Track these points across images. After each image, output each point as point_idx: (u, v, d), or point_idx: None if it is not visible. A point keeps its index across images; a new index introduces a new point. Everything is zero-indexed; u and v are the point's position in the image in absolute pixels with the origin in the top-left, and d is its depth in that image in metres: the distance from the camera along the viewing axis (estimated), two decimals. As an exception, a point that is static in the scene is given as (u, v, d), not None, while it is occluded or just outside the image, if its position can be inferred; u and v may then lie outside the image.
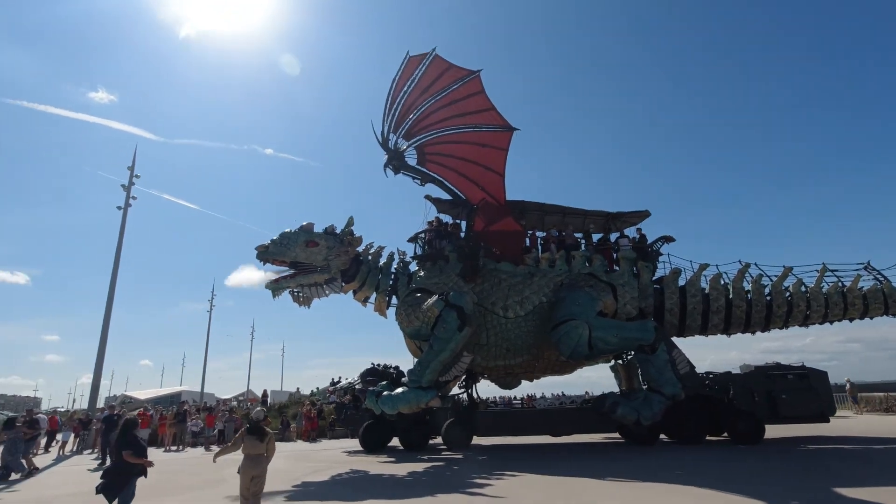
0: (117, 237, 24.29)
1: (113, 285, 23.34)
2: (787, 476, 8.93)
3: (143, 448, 6.48)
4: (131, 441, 6.39)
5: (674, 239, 16.51)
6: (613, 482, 8.81)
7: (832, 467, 9.79)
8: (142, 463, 6.30)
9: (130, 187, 25.22)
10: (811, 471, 9.49)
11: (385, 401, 13.38)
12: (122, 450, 6.25)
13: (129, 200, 25.12)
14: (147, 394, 52.71)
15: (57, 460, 16.33)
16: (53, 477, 12.68)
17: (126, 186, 25.11)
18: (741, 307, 15.35)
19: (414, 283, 15.19)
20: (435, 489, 8.84)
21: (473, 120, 15.60)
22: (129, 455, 6.18)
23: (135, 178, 25.47)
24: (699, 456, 11.79)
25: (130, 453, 6.22)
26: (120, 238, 24.28)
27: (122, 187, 25.13)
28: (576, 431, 15.55)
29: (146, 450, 6.61)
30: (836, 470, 9.43)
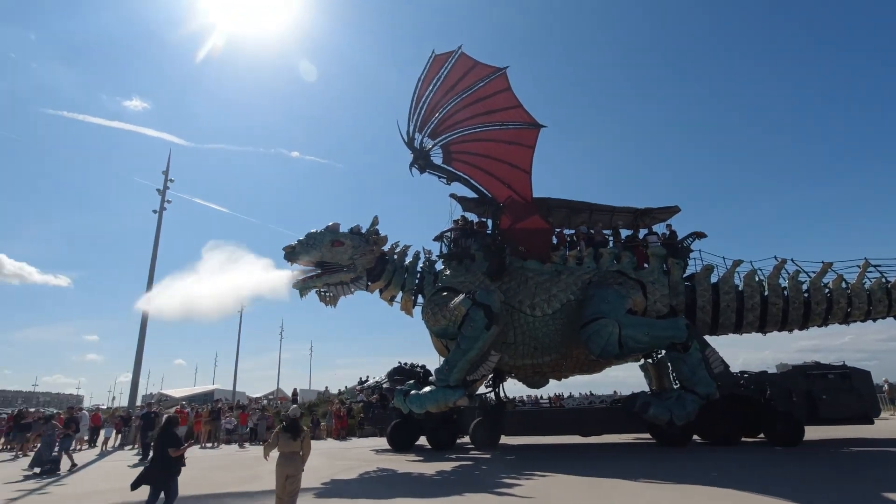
0: (153, 240, 25.13)
1: (150, 287, 24.13)
2: (831, 481, 8.61)
3: (181, 443, 6.73)
4: (172, 438, 6.62)
5: (705, 235, 16.19)
6: (646, 483, 8.64)
7: (878, 472, 9.41)
8: (181, 454, 6.56)
9: (165, 191, 26.02)
10: (857, 475, 9.15)
11: (413, 400, 13.46)
12: (166, 446, 6.49)
13: (164, 204, 25.95)
14: (181, 392, 54.27)
15: (100, 456, 17.00)
16: (97, 471, 13.23)
17: (161, 191, 25.92)
18: (778, 304, 14.91)
19: (440, 282, 15.24)
20: (464, 488, 8.84)
21: (500, 117, 15.49)
22: (172, 451, 6.42)
23: (169, 183, 26.29)
24: (735, 458, 11.47)
25: (174, 449, 6.47)
26: (156, 241, 25.09)
27: (157, 191, 25.94)
28: (605, 431, 15.34)
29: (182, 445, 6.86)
30: (883, 475, 9.06)
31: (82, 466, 13.82)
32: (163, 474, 6.48)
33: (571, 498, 7.85)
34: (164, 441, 6.58)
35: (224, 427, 20.89)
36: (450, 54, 15.57)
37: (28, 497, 9.38)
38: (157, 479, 6.46)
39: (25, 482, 11.06)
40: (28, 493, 9.74)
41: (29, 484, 10.77)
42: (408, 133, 15.66)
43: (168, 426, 6.84)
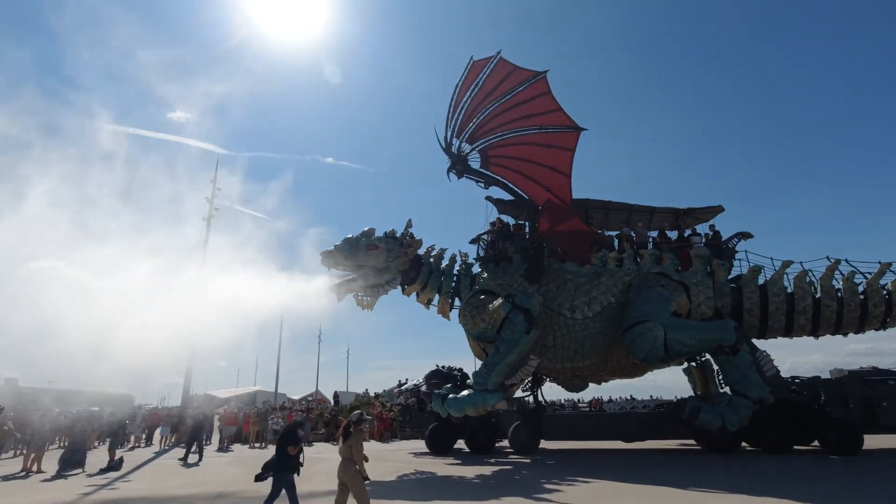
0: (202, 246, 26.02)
1: (199, 290, 25.13)
2: (887, 494, 8.21)
3: (297, 443, 7.18)
4: (293, 437, 7.11)
5: (751, 235, 15.80)
6: (697, 492, 8.45)
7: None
8: (296, 452, 6.98)
9: (213, 199, 26.96)
10: None
11: (451, 403, 13.54)
12: (286, 444, 6.91)
13: (213, 211, 26.85)
14: (226, 393, 55.98)
15: (157, 454, 17.88)
16: (158, 468, 13.94)
17: (209, 199, 26.88)
18: (831, 307, 14.33)
19: (477, 285, 15.33)
20: (503, 492, 8.86)
21: (539, 121, 15.46)
22: (290, 448, 6.88)
23: (217, 191, 27.20)
24: (788, 467, 11.10)
25: (292, 447, 6.91)
26: (205, 247, 25.98)
27: (205, 199, 26.91)
28: (649, 437, 15.07)
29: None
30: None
31: (141, 464, 14.60)
32: (281, 470, 6.94)
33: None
34: (286, 440, 7.05)
35: (271, 428, 21.59)
36: (488, 60, 15.62)
37: (99, 492, 9.99)
38: (276, 474, 6.94)
39: (93, 478, 11.74)
40: (98, 488, 10.39)
41: (96, 480, 11.44)
42: (445, 139, 15.82)
43: (293, 427, 7.43)
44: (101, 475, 12.06)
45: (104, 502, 9.01)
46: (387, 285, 15.28)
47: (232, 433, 20.84)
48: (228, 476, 11.98)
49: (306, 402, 42.83)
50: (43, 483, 11.20)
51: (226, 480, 11.19)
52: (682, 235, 16.63)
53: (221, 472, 12.70)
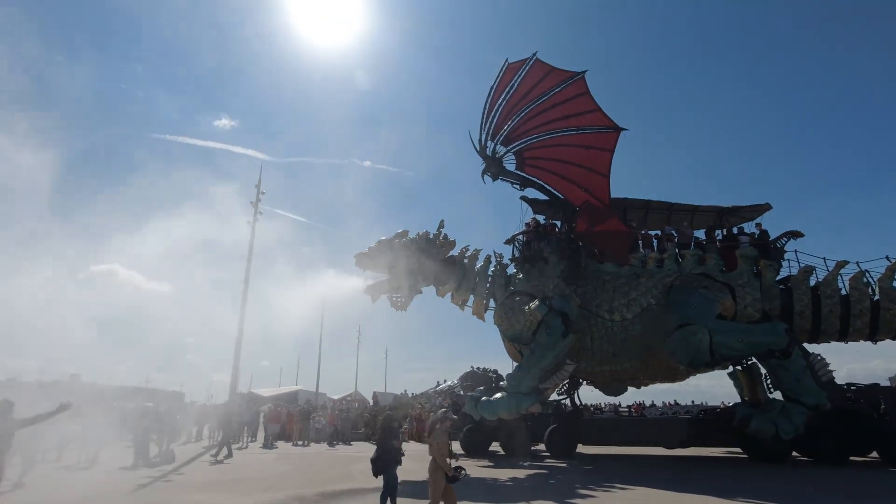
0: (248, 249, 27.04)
1: (245, 293, 26.17)
2: None
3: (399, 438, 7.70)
4: (394, 432, 7.63)
5: (802, 234, 15.08)
6: (740, 503, 8.14)
7: None
8: (399, 446, 7.39)
9: (258, 203, 27.97)
10: None
11: (484, 406, 13.53)
12: (390, 439, 7.34)
13: (257, 215, 27.85)
14: (269, 391, 57.72)
15: (206, 449, 18.67)
16: (207, 464, 14.57)
17: (254, 203, 27.90)
18: (891, 310, 13.51)
19: (512, 286, 15.24)
20: (534, 496, 8.82)
21: (577, 122, 15.22)
22: (396, 442, 7.33)
23: (260, 195, 28.21)
24: (843, 479, 10.52)
25: (396, 441, 7.37)
26: (250, 250, 26.98)
27: (250, 204, 27.96)
28: (691, 444, 14.57)
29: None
30: None
31: (194, 458, 15.35)
32: (392, 464, 7.31)
33: None
34: (389, 435, 7.48)
35: (314, 427, 22.24)
36: (524, 62, 15.43)
37: (154, 484, 10.57)
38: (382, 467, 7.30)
39: (152, 472, 12.43)
40: (153, 480, 10.99)
41: (150, 472, 12.06)
42: (480, 142, 15.80)
43: (391, 422, 7.93)
44: (154, 468, 12.74)
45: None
46: (420, 286, 15.41)
47: (276, 431, 21.59)
48: (278, 472, 12.43)
49: (345, 401, 43.78)
50: (102, 475, 11.90)
51: (275, 475, 11.63)
52: (730, 234, 16.04)
53: (269, 468, 13.19)
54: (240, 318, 25.65)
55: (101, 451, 13.79)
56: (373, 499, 8.53)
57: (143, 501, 8.80)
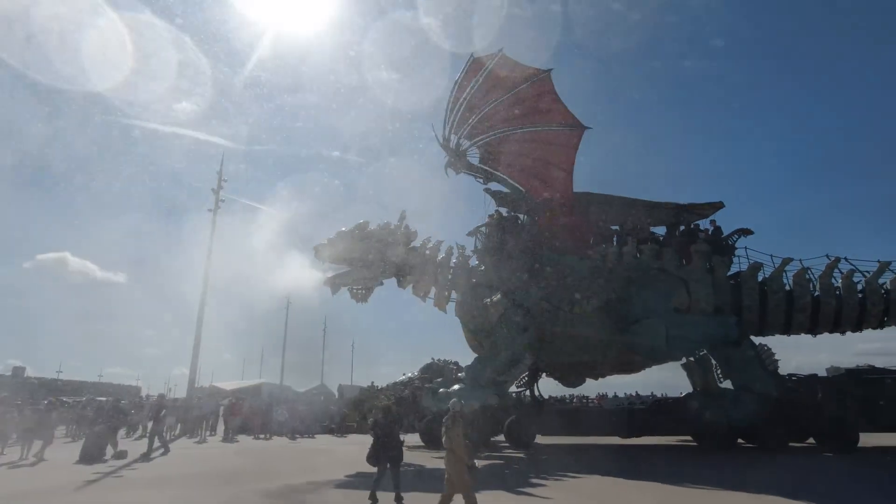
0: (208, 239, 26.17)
1: (206, 285, 25.43)
2: (883, 492, 8.33)
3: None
4: (399, 422, 8.04)
5: (751, 232, 15.70)
6: (692, 489, 8.45)
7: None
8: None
9: (219, 191, 27.06)
10: None
11: (442, 398, 13.39)
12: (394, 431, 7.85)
13: (218, 203, 26.93)
14: (231, 385, 56.57)
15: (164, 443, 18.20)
16: (165, 457, 14.19)
17: (215, 191, 26.98)
18: (830, 305, 14.35)
19: (474, 278, 15.20)
20: (483, 486, 8.74)
21: (542, 119, 15.27)
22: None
23: (223, 183, 27.27)
24: (782, 464, 11.18)
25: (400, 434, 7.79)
26: (211, 239, 26.14)
27: (211, 191, 27.05)
28: (646, 433, 15.11)
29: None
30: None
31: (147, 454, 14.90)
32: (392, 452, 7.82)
33: (590, 502, 7.77)
34: (398, 428, 7.97)
35: (276, 420, 21.90)
36: (489, 57, 15.27)
37: (104, 480, 10.20)
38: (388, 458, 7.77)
39: (97, 466, 11.97)
40: (102, 475, 10.59)
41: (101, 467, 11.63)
42: (443, 135, 15.68)
43: (391, 413, 8.34)
44: (107, 464, 12.30)
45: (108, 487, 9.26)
46: (381, 278, 15.10)
47: (237, 424, 21.18)
48: (237, 465, 12.24)
49: (310, 394, 43.31)
50: (48, 471, 11.46)
51: (234, 469, 11.44)
52: (687, 230, 16.53)
53: (229, 462, 12.98)
54: (199, 310, 24.98)
55: (47, 447, 13.24)
56: (337, 493, 8.53)
57: (92, 498, 8.49)
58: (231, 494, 8.50)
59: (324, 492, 8.81)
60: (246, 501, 7.97)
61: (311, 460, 12.81)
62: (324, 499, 8.30)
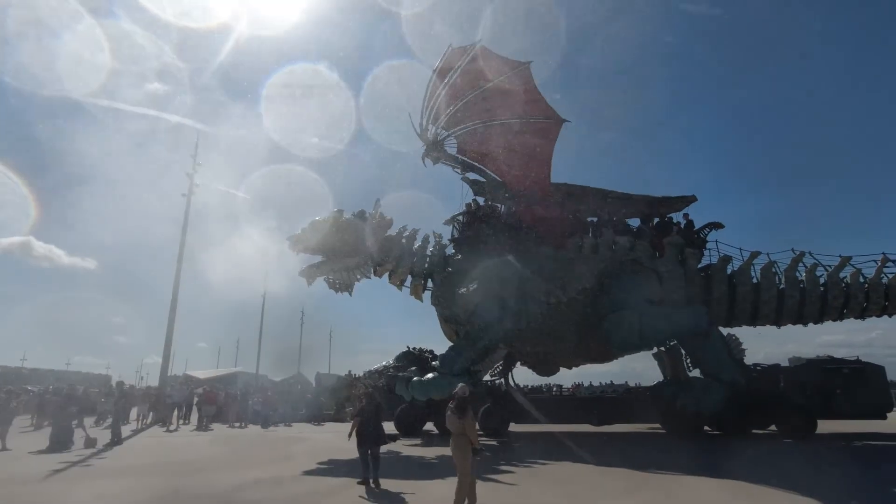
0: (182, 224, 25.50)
1: (179, 271, 24.89)
2: (839, 475, 8.67)
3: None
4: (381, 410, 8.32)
5: (722, 226, 16.13)
6: (657, 475, 8.67)
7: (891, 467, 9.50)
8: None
9: (193, 175, 26.35)
10: (867, 469, 9.24)
11: (415, 387, 13.37)
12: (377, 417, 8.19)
13: (192, 188, 26.22)
14: (206, 374, 55.86)
15: (135, 432, 17.83)
16: (135, 446, 13.92)
17: (189, 175, 26.25)
18: (794, 297, 14.86)
19: (451, 267, 15.15)
20: (451, 473, 9.02)
21: (520, 111, 15.23)
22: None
23: (196, 167, 26.53)
24: (747, 450, 11.55)
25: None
26: (185, 225, 25.50)
27: (186, 175, 26.32)
28: (617, 421, 15.50)
29: None
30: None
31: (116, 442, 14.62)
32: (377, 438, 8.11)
33: (556, 488, 7.84)
34: (377, 414, 8.18)
35: (252, 408, 21.72)
36: (467, 48, 15.15)
37: (71, 469, 9.98)
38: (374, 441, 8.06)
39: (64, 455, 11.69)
40: (69, 465, 10.37)
41: (68, 456, 11.39)
42: (420, 125, 15.53)
43: (374, 399, 8.62)
44: (74, 453, 12.03)
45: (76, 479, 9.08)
46: (357, 268, 14.89)
47: (212, 413, 20.93)
48: (210, 454, 12.09)
49: (286, 383, 43.03)
50: (12, 460, 11.16)
51: (207, 458, 11.30)
52: (661, 223, 16.83)
53: (202, 451, 12.82)
54: (173, 297, 24.48)
55: (8, 435, 12.88)
56: (317, 480, 8.50)
57: (57, 487, 8.30)
58: (203, 483, 8.44)
59: (301, 482, 8.74)
60: (216, 490, 7.92)
61: (285, 449, 12.75)
62: (294, 487, 8.30)
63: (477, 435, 6.18)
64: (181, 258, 25.01)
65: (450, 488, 7.79)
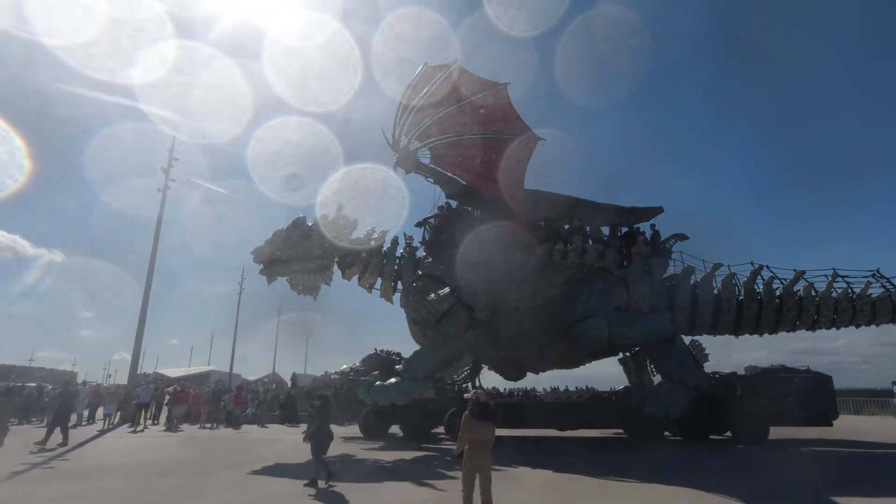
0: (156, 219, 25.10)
1: (152, 266, 24.53)
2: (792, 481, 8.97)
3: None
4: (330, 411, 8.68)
5: (687, 237, 16.58)
6: (614, 482, 8.77)
7: (837, 473, 10.00)
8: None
9: (169, 169, 26.01)
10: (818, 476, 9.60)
11: (377, 391, 13.31)
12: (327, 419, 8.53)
13: (168, 182, 25.83)
14: (177, 372, 54.88)
15: (101, 432, 17.56)
16: (100, 447, 13.81)
17: (165, 169, 25.92)
18: (752, 308, 15.45)
19: (421, 269, 15.13)
20: (407, 478, 8.96)
21: (496, 127, 15.32)
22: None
23: (173, 161, 26.15)
24: (703, 456, 11.99)
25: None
26: (159, 219, 25.10)
27: (161, 170, 25.96)
28: (581, 426, 15.59)
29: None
30: (838, 475, 9.70)
31: (83, 443, 14.45)
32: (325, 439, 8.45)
33: (520, 494, 8.01)
34: (326, 415, 8.57)
35: (224, 408, 21.55)
36: (444, 66, 15.13)
37: (31, 471, 9.87)
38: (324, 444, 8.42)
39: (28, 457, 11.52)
40: (31, 466, 10.24)
41: (30, 458, 11.22)
42: (393, 136, 15.56)
43: (328, 403, 8.98)
44: (36, 454, 11.86)
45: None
46: (322, 272, 14.81)
47: (182, 413, 20.73)
48: (177, 456, 12.03)
49: (262, 383, 42.62)
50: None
51: (174, 460, 11.26)
52: (629, 232, 17.22)
53: (169, 453, 12.75)
54: (145, 292, 24.14)
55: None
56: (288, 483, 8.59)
57: (13, 490, 8.20)
58: (167, 486, 8.48)
59: (270, 483, 8.85)
60: (180, 493, 7.99)
61: (255, 450, 12.77)
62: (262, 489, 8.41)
63: (464, 439, 5.87)
64: (154, 253, 24.73)
65: (407, 491, 8.05)
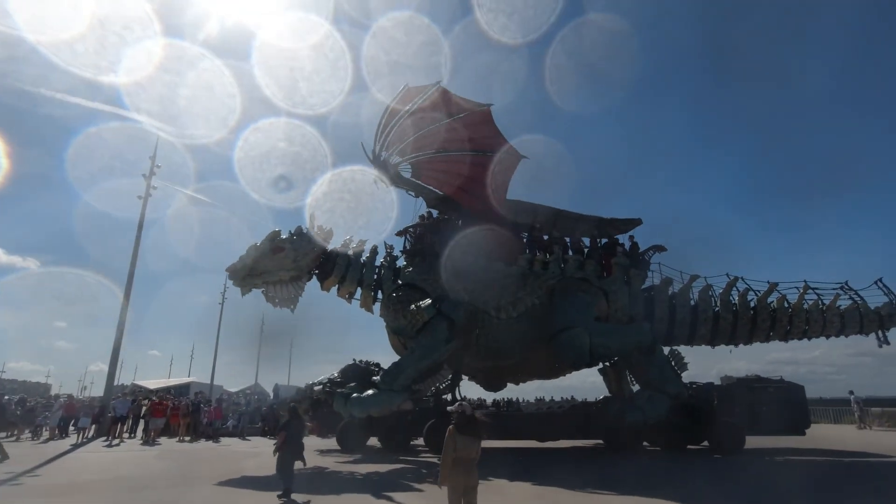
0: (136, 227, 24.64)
1: (131, 275, 24.07)
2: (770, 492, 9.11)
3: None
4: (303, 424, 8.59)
5: (665, 248, 16.87)
6: (595, 494, 8.77)
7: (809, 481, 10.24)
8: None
9: (151, 177, 25.60)
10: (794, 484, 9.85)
11: (354, 403, 13.11)
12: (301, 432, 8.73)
13: (150, 190, 25.45)
14: (156, 383, 53.75)
15: (75, 446, 17.15)
16: (73, 462, 13.44)
17: (147, 177, 25.50)
18: (728, 319, 15.74)
19: (401, 279, 15.08)
20: (379, 489, 8.93)
21: (479, 145, 15.39)
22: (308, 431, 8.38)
23: (155, 169, 25.75)
24: (681, 465, 12.15)
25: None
26: (139, 227, 24.64)
27: (142, 177, 25.54)
28: (561, 437, 15.59)
29: None
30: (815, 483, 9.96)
31: (57, 457, 14.10)
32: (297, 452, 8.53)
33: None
34: (299, 428, 8.78)
35: (204, 421, 21.18)
36: (425, 87, 15.10)
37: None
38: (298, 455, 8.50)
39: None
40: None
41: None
42: (373, 151, 15.58)
43: (298, 416, 9.21)
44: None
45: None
46: (297, 283, 14.57)
47: (159, 426, 20.33)
48: (156, 471, 11.77)
49: (244, 395, 41.99)
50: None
51: (149, 475, 11.01)
52: (609, 243, 17.47)
53: (148, 467, 12.48)
54: (123, 302, 23.70)
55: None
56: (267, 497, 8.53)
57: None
58: (146, 503, 8.33)
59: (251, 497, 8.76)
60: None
61: (234, 464, 12.57)
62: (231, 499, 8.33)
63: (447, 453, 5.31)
64: (134, 260, 24.28)
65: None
